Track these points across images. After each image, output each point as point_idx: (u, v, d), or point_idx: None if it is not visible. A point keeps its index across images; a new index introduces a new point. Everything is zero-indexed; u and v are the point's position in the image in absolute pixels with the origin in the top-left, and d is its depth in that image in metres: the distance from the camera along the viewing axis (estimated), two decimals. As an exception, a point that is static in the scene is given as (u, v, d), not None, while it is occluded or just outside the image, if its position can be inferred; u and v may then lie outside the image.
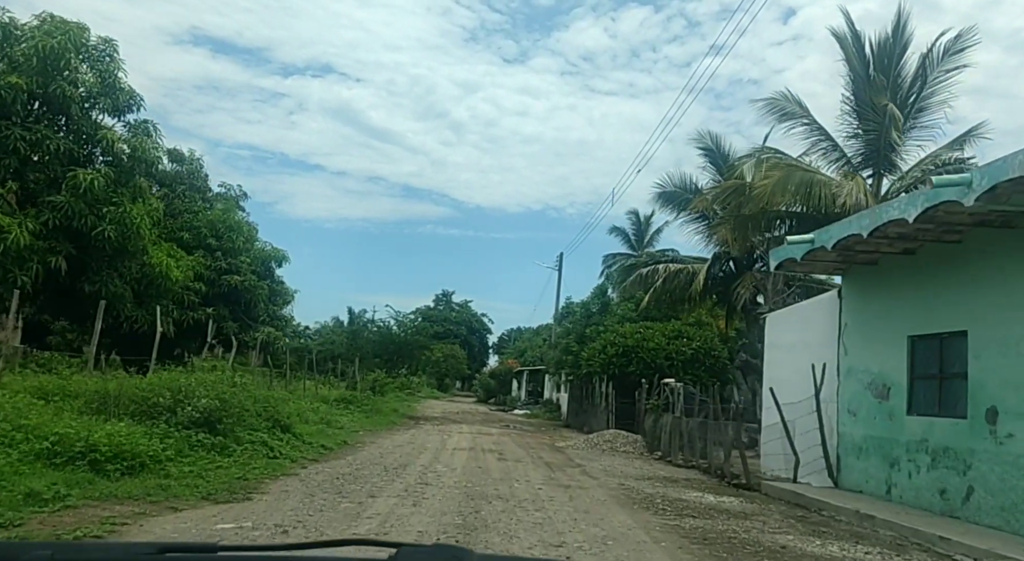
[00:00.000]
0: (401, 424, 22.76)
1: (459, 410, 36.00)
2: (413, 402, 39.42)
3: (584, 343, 27.15)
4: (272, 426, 12.58)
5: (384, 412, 24.62)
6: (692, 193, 28.56)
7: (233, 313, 23.89)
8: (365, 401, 24.12)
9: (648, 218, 49.37)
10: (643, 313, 27.42)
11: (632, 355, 24.14)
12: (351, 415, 21.45)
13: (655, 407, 18.14)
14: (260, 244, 25.39)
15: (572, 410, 30.15)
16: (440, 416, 29.76)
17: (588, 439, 19.01)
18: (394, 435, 18.39)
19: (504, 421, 29.72)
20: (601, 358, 24.53)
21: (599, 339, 25.43)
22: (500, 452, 15.69)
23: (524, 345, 71.06)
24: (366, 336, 49.19)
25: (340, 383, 37.65)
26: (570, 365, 27.57)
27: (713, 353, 24.21)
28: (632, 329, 25.20)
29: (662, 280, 26.85)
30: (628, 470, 13.81)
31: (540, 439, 20.97)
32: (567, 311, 29.09)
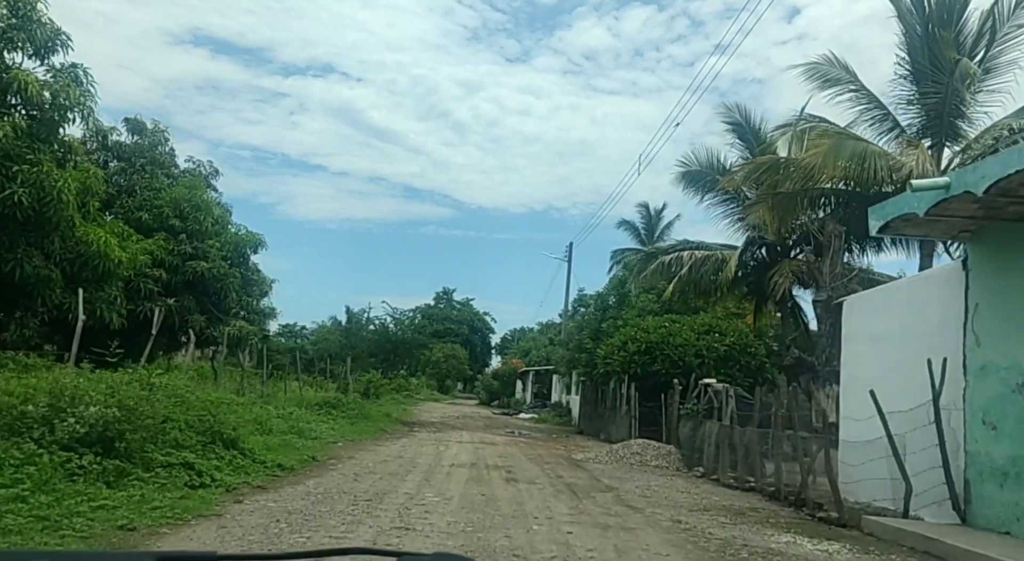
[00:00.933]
0: (392, 432, 19.72)
1: (459, 414, 32.96)
2: (409, 405, 36.39)
3: (600, 339, 24.11)
4: (210, 441, 9.53)
5: (373, 417, 21.59)
6: (719, 173, 25.53)
7: (200, 304, 20.86)
8: (352, 405, 21.12)
9: (659, 212, 46.60)
10: (665, 305, 24.38)
11: (657, 352, 21.09)
12: (332, 422, 18.42)
13: (693, 413, 15.10)
14: (233, 228, 22.35)
15: (585, 414, 27.10)
16: (438, 421, 26.71)
17: (612, 451, 15.95)
18: (380, 446, 15.34)
19: (509, 427, 26.66)
20: (621, 356, 21.48)
21: (618, 334, 22.38)
22: (508, 469, 12.64)
23: (528, 344, 68.04)
24: (361, 335, 46.20)
25: (330, 385, 34.70)
26: (584, 364, 24.54)
27: (749, 350, 21.15)
28: (656, 323, 22.14)
29: (687, 268, 23.79)
30: (674, 495, 10.75)
31: (553, 449, 17.92)
32: (579, 304, 26.04)
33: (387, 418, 23.47)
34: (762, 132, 25.39)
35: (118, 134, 21.47)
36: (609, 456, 15.58)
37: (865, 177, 18.93)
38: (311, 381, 33.24)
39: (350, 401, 21.47)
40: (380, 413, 24.17)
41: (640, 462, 14.95)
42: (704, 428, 14.18)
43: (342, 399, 21.34)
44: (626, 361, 21.35)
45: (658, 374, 20.92)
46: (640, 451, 15.44)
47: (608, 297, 24.80)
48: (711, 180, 25.70)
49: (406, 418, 26.47)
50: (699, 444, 14.30)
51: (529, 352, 60.12)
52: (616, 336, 22.39)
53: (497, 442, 18.89)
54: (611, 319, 23.60)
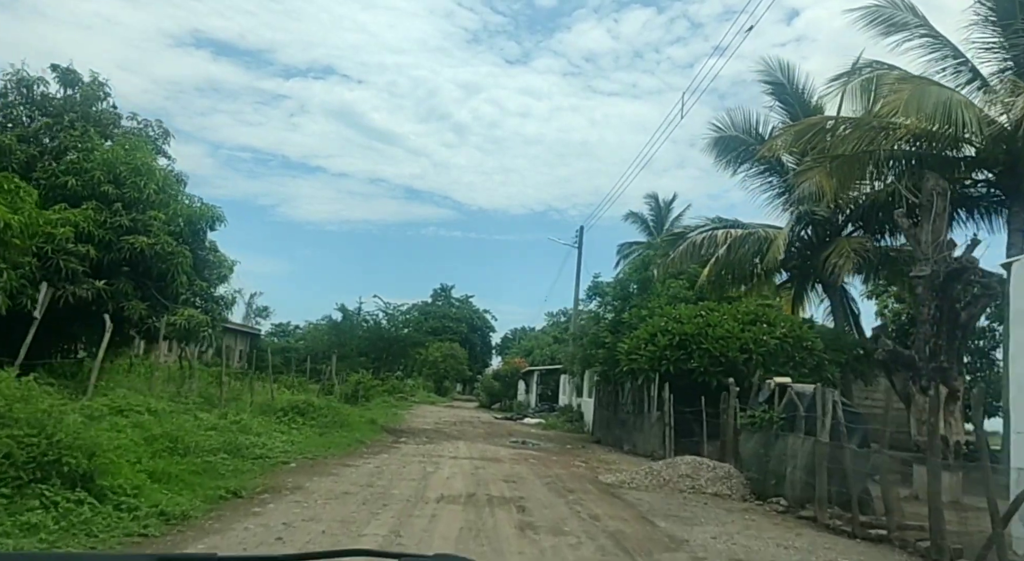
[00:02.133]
0: (371, 444, 15.90)
1: (457, 419, 29.14)
2: (401, 409, 32.58)
3: (620, 332, 20.32)
4: (37, 479, 5.78)
5: (352, 425, 17.78)
6: (756, 140, 21.77)
7: (140, 289, 17.05)
8: (325, 410, 17.32)
9: (668, 203, 43.08)
10: (698, 292, 20.59)
11: (693, 346, 17.29)
12: (297, 432, 14.64)
13: (760, 423, 11.31)
14: (185, 199, 18.55)
15: (601, 420, 23.30)
16: (431, 428, 22.89)
17: (651, 471, 12.11)
18: (349, 467, 11.53)
19: (514, 434, 22.86)
20: (649, 351, 17.69)
21: (644, 326, 18.58)
22: (520, 505, 8.85)
23: (531, 343, 64.23)
24: (350, 332, 42.40)
25: (312, 387, 30.96)
26: (602, 362, 20.72)
27: (804, 344, 17.35)
28: (691, 311, 18.34)
29: (725, 248, 20.01)
30: (779, 557, 6.98)
31: (573, 467, 14.09)
32: (594, 293, 22.19)
33: (370, 426, 19.66)
34: (806, 93, 21.67)
35: (46, 85, 17.68)
36: (649, 479, 11.76)
37: (949, 133, 15.28)
38: (291, 382, 29.59)
39: (324, 406, 17.65)
40: (362, 420, 20.37)
41: (693, 488, 11.14)
42: (781, 444, 10.39)
43: (314, 403, 17.54)
44: (655, 357, 17.56)
45: (694, 372, 17.14)
46: (691, 472, 11.61)
47: (628, 284, 21.05)
48: (748, 148, 21.95)
49: (394, 425, 22.66)
50: (774, 465, 10.51)
51: (532, 351, 56.30)
52: (642, 328, 18.60)
53: (502, 457, 15.09)
54: (635, 308, 19.83)
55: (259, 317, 79.86)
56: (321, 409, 17.34)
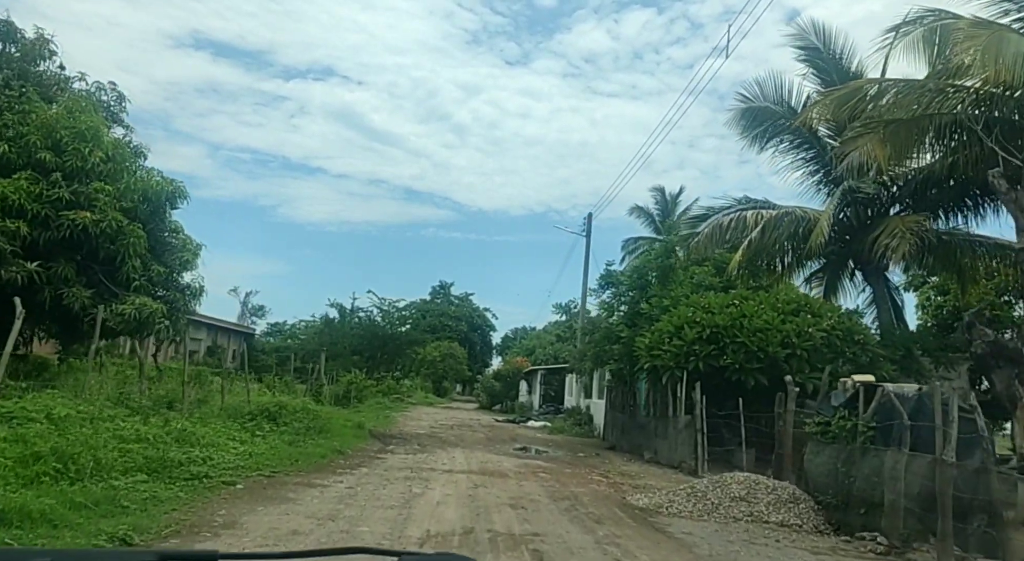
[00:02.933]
0: (351, 455, 13.38)
1: (455, 422, 26.62)
2: (396, 411, 30.06)
3: (638, 326, 17.84)
4: None
5: (332, 431, 15.27)
6: (789, 111, 19.28)
7: (84, 273, 14.60)
8: (302, 414, 14.82)
9: (675, 196, 40.78)
10: (726, 280, 18.08)
11: (726, 340, 14.80)
12: (261, 441, 12.14)
13: (838, 432, 8.81)
14: (142, 172, 16.08)
15: (615, 424, 20.78)
16: (426, 433, 20.36)
17: (692, 491, 9.58)
18: (313, 488, 9.01)
19: (518, 440, 20.35)
20: (674, 346, 15.20)
21: (667, 317, 16.09)
22: (535, 544, 6.37)
23: (532, 342, 61.73)
24: (342, 330, 39.90)
25: (302, 386, 28.47)
26: (617, 358, 18.22)
27: (856, 337, 14.87)
28: (722, 300, 15.84)
29: (759, 230, 17.50)
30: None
31: (593, 484, 11.54)
32: (607, 283, 19.67)
33: (355, 431, 17.15)
34: (845, 58, 19.19)
35: (-22, 40, 15.22)
36: (692, 502, 9.24)
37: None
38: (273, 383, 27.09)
39: (300, 409, 15.13)
40: (348, 424, 17.86)
41: (751, 516, 8.63)
42: (873, 462, 7.89)
43: (288, 406, 15.02)
44: (682, 352, 15.07)
45: (727, 370, 14.66)
46: (745, 495, 9.09)
47: (646, 272, 18.56)
48: (778, 120, 19.46)
49: (384, 429, 20.14)
50: (861, 489, 8.01)
51: (534, 350, 53.83)
52: (664, 320, 16.10)
53: (505, 470, 12.57)
54: (654, 298, 17.33)
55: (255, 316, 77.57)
56: (296, 413, 14.82)
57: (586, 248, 29.41)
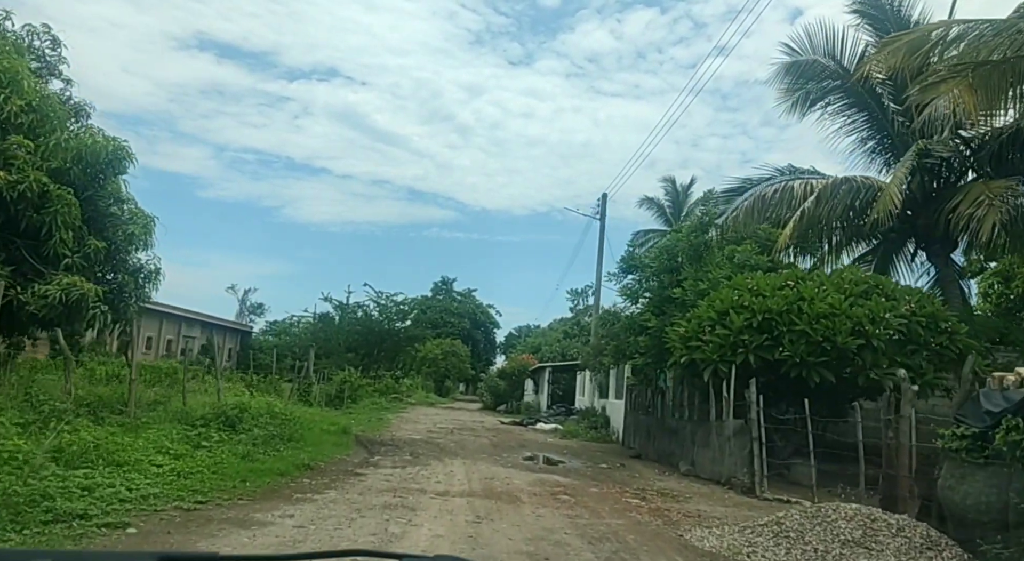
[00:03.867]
0: (324, 468, 10.61)
1: (456, 424, 23.86)
2: (392, 412, 27.32)
3: (668, 314, 15.08)
4: None
5: (309, 437, 12.49)
6: (841, 69, 16.50)
7: (2, 247, 11.90)
8: (268, 418, 12.08)
9: (686, 187, 38.37)
10: (769, 260, 15.28)
11: (781, 328, 12.00)
12: (205, 455, 9.40)
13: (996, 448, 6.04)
14: (81, 131, 13.37)
15: (638, 428, 17.98)
16: (422, 438, 17.58)
17: (780, 528, 6.80)
18: (245, 529, 6.21)
19: (527, 446, 17.58)
20: (718, 335, 12.40)
21: (706, 303, 13.29)
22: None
23: (538, 340, 58.95)
24: (336, 325, 37.20)
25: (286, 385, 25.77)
26: (642, 351, 15.42)
27: (943, 325, 12.06)
28: (774, 281, 13.04)
29: (813, 199, 14.71)
30: None
31: (634, 512, 8.69)
32: (629, 266, 16.88)
33: (337, 438, 14.38)
34: (904, 8, 16.43)
35: None
36: (785, 547, 6.44)
37: None
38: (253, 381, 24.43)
39: (265, 412, 12.35)
40: (330, 429, 15.12)
41: (881, 571, 5.89)
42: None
43: (250, 408, 12.26)
44: (727, 343, 12.28)
45: (783, 364, 11.88)
46: (860, 537, 6.31)
47: (677, 252, 15.79)
48: (829, 77, 16.70)
49: (374, 434, 17.38)
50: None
51: (540, 348, 51.04)
52: (704, 305, 13.30)
53: (517, 490, 9.80)
54: (687, 281, 14.55)
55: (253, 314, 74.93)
56: (261, 416, 12.06)
57: (600, 231, 26.68)
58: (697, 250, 15.73)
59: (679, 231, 15.89)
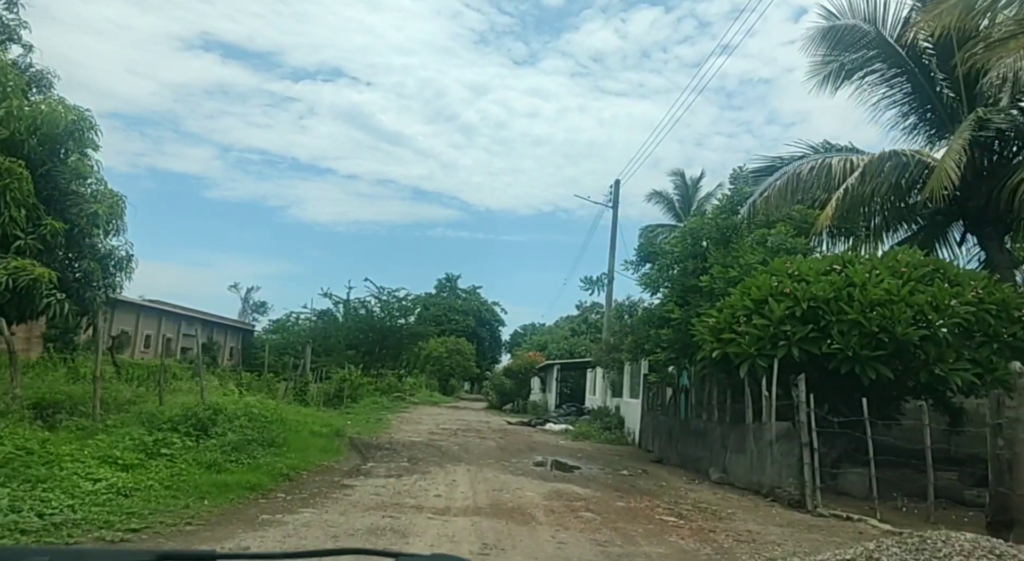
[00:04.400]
0: (305, 479, 9.10)
1: (461, 425, 22.34)
2: (392, 412, 25.81)
3: (692, 304, 13.55)
4: None
5: (293, 442, 10.99)
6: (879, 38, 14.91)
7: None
8: (244, 420, 10.59)
9: (696, 181, 36.96)
10: (806, 244, 13.69)
11: (829, 317, 10.46)
12: (163, 467, 7.91)
13: None
14: (39, 102, 11.90)
15: (657, 429, 16.43)
16: (423, 440, 16.06)
17: (869, 564, 5.31)
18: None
19: (537, 448, 16.06)
20: (755, 326, 10.84)
21: (739, 290, 11.75)
22: None
23: (543, 338, 57.41)
24: (337, 323, 35.74)
25: (280, 384, 24.35)
26: (665, 345, 13.85)
27: (1016, 314, 10.49)
28: (818, 265, 11.48)
29: (857, 176, 13.13)
30: None
31: (672, 535, 7.07)
32: (648, 253, 15.32)
33: (327, 441, 12.88)
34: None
35: None
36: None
37: None
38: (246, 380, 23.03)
39: (243, 413, 10.86)
40: (321, 431, 13.62)
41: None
42: None
43: (226, 409, 10.76)
44: (766, 335, 10.73)
45: (835, 358, 10.33)
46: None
47: (702, 236, 14.21)
48: (866, 49, 15.11)
49: (370, 437, 15.87)
50: None
51: (546, 346, 49.50)
52: (737, 293, 11.75)
53: (531, 506, 8.27)
54: (716, 268, 13.00)
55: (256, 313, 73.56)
56: (237, 419, 10.56)
57: (613, 219, 25.09)
58: (724, 234, 14.18)
59: (705, 214, 14.31)
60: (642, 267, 16.12)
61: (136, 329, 45.11)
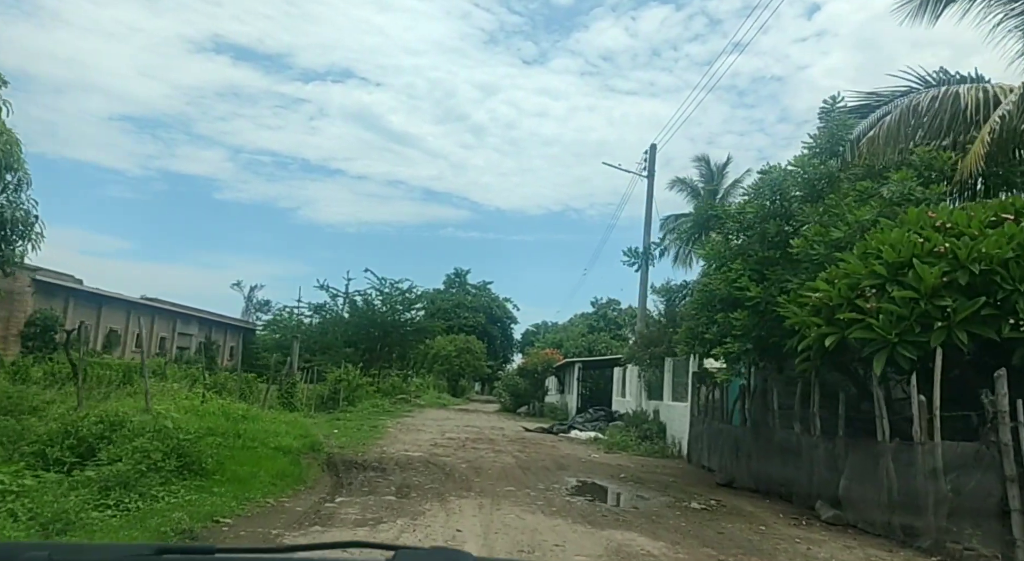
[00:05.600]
0: (218, 537, 5.76)
1: (470, 433, 18.92)
2: (393, 417, 22.45)
3: (771, 279, 10.10)
4: None
5: (227, 470, 7.68)
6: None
7: None
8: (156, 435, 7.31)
9: (721, 167, 33.37)
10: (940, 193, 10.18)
11: (1009, 285, 7.00)
12: None
13: None
14: None
15: (711, 439, 12.84)
16: (423, 455, 12.60)
17: None
18: None
19: (566, 466, 12.60)
20: (895, 299, 7.43)
21: (859, 251, 8.27)
22: None
23: (558, 336, 53.92)
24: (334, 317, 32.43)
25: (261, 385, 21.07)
26: (740, 331, 10.34)
27: None
28: (980, 213, 7.96)
29: (1017, 100, 9.61)
30: None
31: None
32: (709, 218, 11.71)
33: (292, 459, 9.48)
34: None
35: None
36: None
37: None
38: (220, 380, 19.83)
39: (152, 427, 7.54)
40: (288, 446, 10.23)
41: None
42: None
43: (129, 422, 7.43)
44: (911, 313, 7.27)
45: (1021, 345, 6.86)
46: None
47: (787, 188, 10.67)
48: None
49: (357, 450, 12.44)
50: None
51: (562, 344, 46.03)
52: (852, 258, 8.26)
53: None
54: (813, 228, 9.52)
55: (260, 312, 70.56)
56: (143, 433, 7.19)
57: (648, 189, 21.60)
58: (814, 186, 10.69)
59: (825, 142, 10.73)
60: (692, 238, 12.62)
61: (126, 327, 42.10)
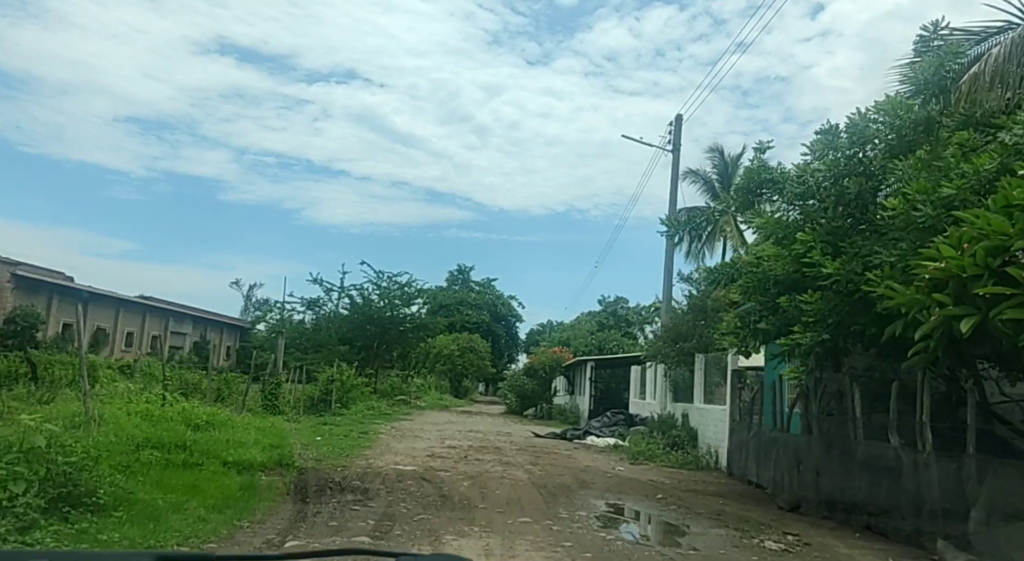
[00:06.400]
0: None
1: (474, 440, 16.71)
2: (387, 420, 20.27)
3: (849, 253, 7.91)
4: None
5: (132, 503, 5.56)
6: None
7: None
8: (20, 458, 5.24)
9: (736, 158, 31.84)
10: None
11: None
12: None
13: None
14: None
15: (758, 450, 10.52)
16: (415, 470, 10.40)
17: None
18: None
19: (588, 482, 10.39)
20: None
21: (1002, 199, 6.10)
22: None
23: (565, 334, 51.82)
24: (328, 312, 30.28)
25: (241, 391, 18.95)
26: (813, 318, 8.14)
27: None
28: None
29: None
30: None
31: None
32: (760, 183, 9.45)
33: (249, 478, 7.34)
34: None
35: None
36: None
37: None
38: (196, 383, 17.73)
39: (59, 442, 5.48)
40: (248, 460, 8.09)
41: None
42: None
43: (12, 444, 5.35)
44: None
45: None
46: None
47: (869, 139, 8.50)
48: None
49: (337, 463, 10.23)
50: None
51: (569, 342, 43.91)
52: (986, 216, 6.09)
53: None
54: (914, 185, 7.37)
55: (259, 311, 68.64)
56: (8, 453, 5.05)
57: (673, 163, 19.37)
58: (905, 137, 8.46)
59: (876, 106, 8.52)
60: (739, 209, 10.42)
61: (115, 326, 40.08)
